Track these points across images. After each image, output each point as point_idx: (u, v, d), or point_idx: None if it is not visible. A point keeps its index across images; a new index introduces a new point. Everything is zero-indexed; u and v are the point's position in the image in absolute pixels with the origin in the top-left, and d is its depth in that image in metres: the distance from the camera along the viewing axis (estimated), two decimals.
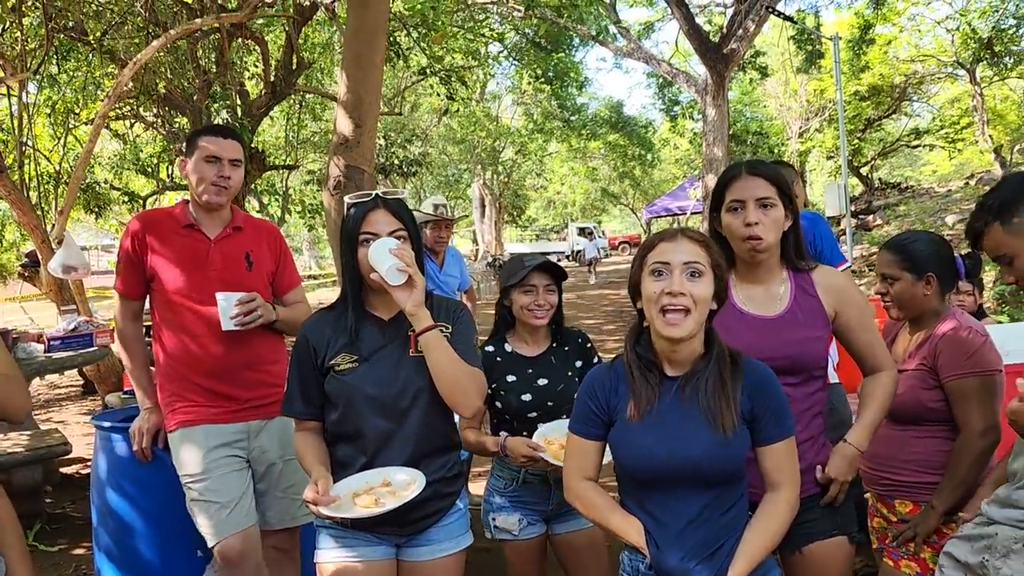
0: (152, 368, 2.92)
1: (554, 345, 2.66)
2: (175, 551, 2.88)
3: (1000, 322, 5.37)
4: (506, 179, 35.55)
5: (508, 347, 2.63)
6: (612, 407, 1.85)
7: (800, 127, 25.07)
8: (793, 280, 2.15)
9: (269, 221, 3.12)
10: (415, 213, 4.72)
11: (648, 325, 1.83)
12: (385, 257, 1.97)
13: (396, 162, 20.32)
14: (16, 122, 7.15)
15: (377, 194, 2.12)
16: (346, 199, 2.15)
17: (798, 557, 2.10)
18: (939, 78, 24.02)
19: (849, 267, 3.37)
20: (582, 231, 36.17)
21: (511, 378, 2.57)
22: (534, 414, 2.54)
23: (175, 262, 2.76)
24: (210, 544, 2.72)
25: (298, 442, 2.15)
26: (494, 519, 2.61)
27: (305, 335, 2.14)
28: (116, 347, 2.94)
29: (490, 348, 2.64)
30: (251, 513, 2.77)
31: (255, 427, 2.81)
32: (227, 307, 2.68)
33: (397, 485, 1.99)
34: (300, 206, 14.77)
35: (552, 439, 2.42)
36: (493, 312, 3.03)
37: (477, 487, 5.43)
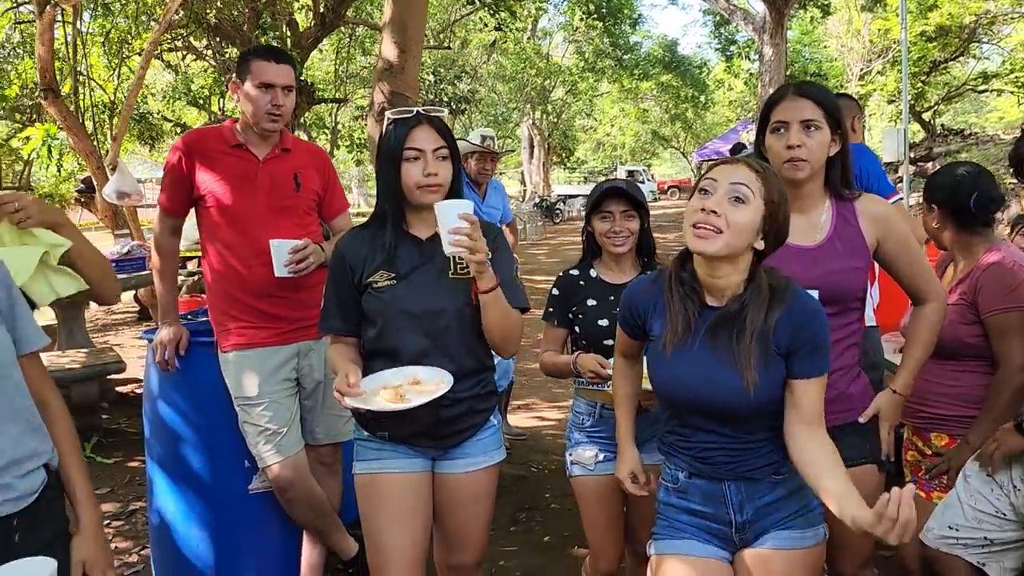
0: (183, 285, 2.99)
1: (641, 276, 2.54)
2: (223, 461, 2.98)
3: None
4: (555, 119, 35.10)
5: (593, 272, 2.58)
6: (648, 320, 1.86)
7: (861, 69, 24.20)
8: (835, 209, 2.11)
9: (318, 145, 3.12)
10: (461, 143, 4.71)
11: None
12: (451, 221, 1.91)
13: (445, 99, 20.20)
14: (71, 49, 7.26)
15: (419, 110, 2.10)
16: (388, 114, 2.14)
17: None
18: (1012, 18, 22.89)
19: (900, 199, 3.29)
20: (631, 174, 35.66)
21: (591, 302, 2.52)
22: (609, 342, 2.43)
23: (222, 181, 2.78)
24: (260, 467, 2.84)
25: (331, 352, 2.18)
26: (571, 455, 2.55)
27: (341, 252, 2.15)
28: (152, 255, 2.98)
29: (574, 272, 2.59)
30: (299, 440, 2.87)
31: (304, 348, 2.87)
32: (280, 254, 2.69)
33: (425, 383, 2.01)
34: (349, 141, 14.83)
35: None
36: (538, 252, 3.07)
37: (515, 419, 5.53)
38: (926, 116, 24.35)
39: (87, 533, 1.66)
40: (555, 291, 2.59)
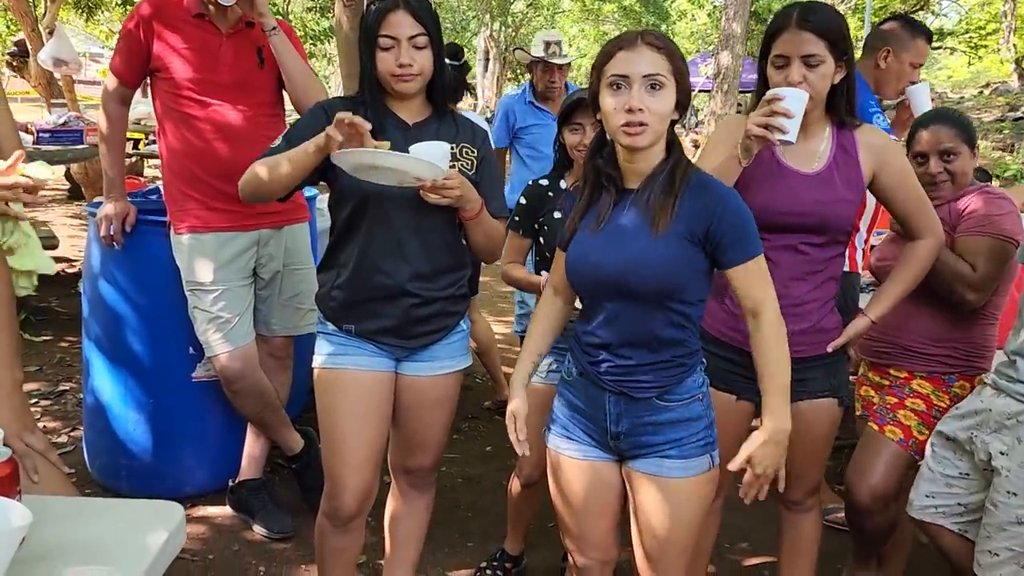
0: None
1: None
2: (167, 347, 2.89)
3: None
4: (514, 33, 34.25)
5: (563, 184, 2.48)
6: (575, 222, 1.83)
7: None
8: (835, 138, 2.06)
9: (283, 20, 2.92)
10: (519, 53, 4.28)
11: (610, 137, 1.75)
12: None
13: None
14: None
15: None
16: None
17: None
18: None
19: None
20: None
21: (557, 215, 2.41)
22: None
23: (183, 53, 2.61)
24: (207, 355, 2.75)
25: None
26: None
27: (323, 109, 2.01)
28: (99, 123, 2.81)
29: (544, 182, 2.50)
30: (251, 331, 2.78)
31: (265, 235, 2.77)
32: None
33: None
34: (301, 33, 14.20)
35: None
36: None
37: None
38: None
39: None
40: (522, 200, 2.50)
